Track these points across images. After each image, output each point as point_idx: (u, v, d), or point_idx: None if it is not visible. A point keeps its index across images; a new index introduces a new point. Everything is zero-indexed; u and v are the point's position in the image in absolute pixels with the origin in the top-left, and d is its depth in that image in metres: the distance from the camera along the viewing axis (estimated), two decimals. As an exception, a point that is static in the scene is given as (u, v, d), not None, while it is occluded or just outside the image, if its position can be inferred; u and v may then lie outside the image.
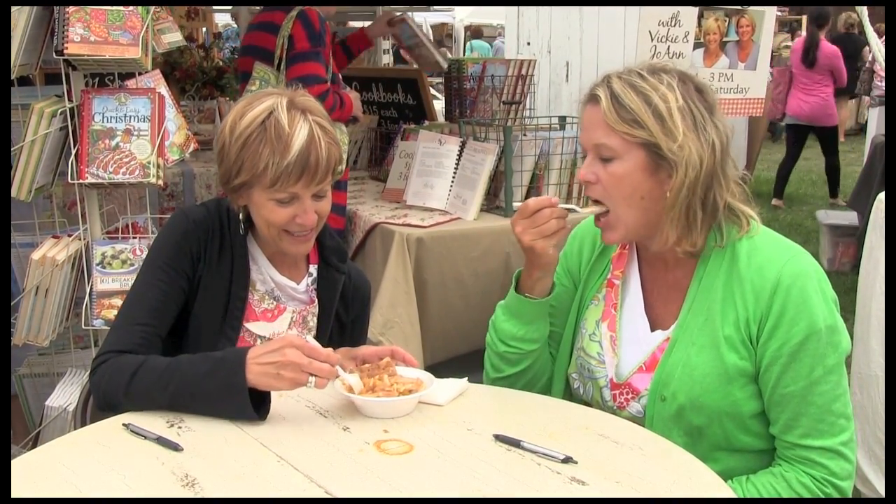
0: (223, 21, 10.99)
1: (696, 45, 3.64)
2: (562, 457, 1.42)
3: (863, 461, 2.91)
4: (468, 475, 1.39)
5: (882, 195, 2.90)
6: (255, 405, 1.57)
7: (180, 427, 1.56)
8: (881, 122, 7.38)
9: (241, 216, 1.86)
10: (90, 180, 2.52)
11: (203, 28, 7.09)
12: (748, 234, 1.68)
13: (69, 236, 2.68)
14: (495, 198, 3.39)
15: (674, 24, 3.53)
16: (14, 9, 2.39)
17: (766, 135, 10.49)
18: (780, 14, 13.62)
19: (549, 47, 4.33)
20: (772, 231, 1.73)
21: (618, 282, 1.83)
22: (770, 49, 3.87)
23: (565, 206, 1.74)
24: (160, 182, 2.60)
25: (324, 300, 1.94)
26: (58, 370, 2.88)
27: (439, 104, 4.95)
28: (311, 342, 1.62)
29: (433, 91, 5.81)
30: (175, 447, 1.47)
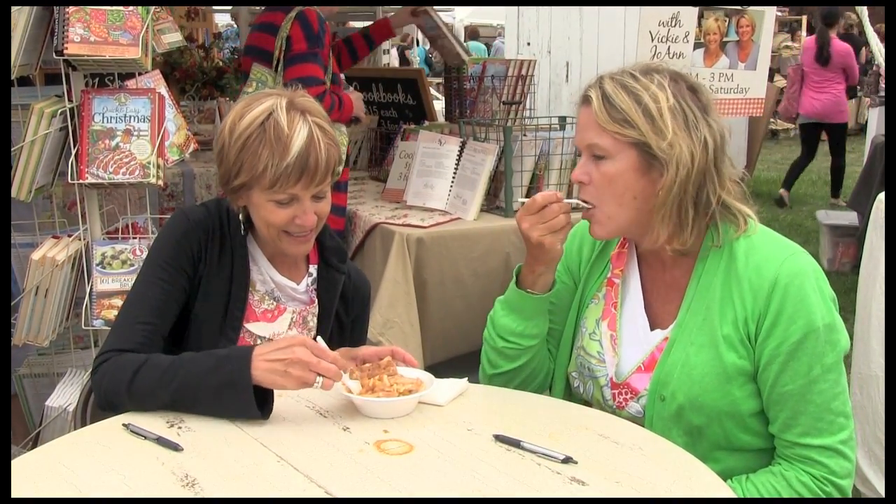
0: (224, 21, 10.99)
1: (697, 46, 3.64)
2: (562, 457, 1.42)
3: (863, 461, 2.91)
4: (468, 475, 1.39)
5: (882, 195, 2.90)
6: (258, 404, 1.57)
7: (180, 427, 1.56)
8: (881, 122, 7.38)
9: (241, 217, 1.86)
10: (90, 180, 2.52)
11: (203, 28, 7.08)
12: (746, 233, 1.68)
13: (69, 236, 2.68)
14: (495, 198, 3.39)
15: (674, 24, 3.53)
16: (14, 9, 2.39)
17: (766, 135, 10.48)
18: (780, 14, 13.63)
19: (549, 47, 4.33)
20: (770, 230, 1.73)
21: (618, 280, 1.83)
22: (770, 49, 3.87)
23: (570, 200, 1.74)
24: (160, 182, 2.60)
25: (324, 300, 1.94)
26: (58, 370, 2.88)
27: (439, 104, 4.95)
28: (321, 343, 1.62)
29: (433, 91, 5.82)
30: (175, 447, 1.47)
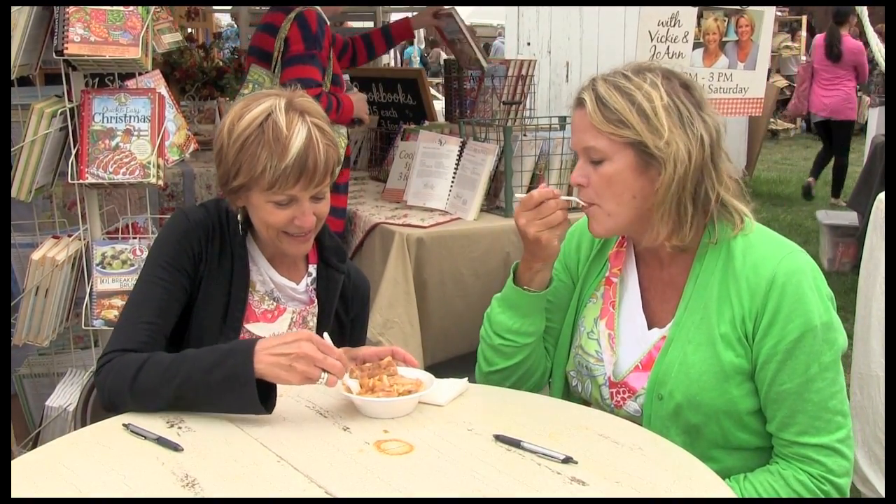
0: (226, 21, 10.99)
1: (696, 45, 3.64)
2: (562, 457, 1.42)
3: (863, 461, 2.91)
4: (468, 475, 1.39)
5: (882, 195, 2.90)
6: (261, 399, 1.56)
7: (180, 427, 1.56)
8: (881, 121, 7.38)
9: (240, 217, 1.85)
10: (90, 180, 2.52)
11: (203, 28, 7.09)
12: (743, 231, 1.68)
13: (69, 236, 2.68)
14: (495, 198, 3.39)
15: (673, 24, 3.53)
16: (14, 9, 2.39)
17: (766, 135, 10.48)
18: (780, 14, 13.62)
19: (549, 47, 4.33)
20: (767, 229, 1.74)
21: (616, 279, 1.83)
22: (769, 49, 3.87)
23: (566, 198, 1.75)
24: (160, 182, 2.60)
25: (323, 300, 1.94)
26: (58, 370, 2.87)
27: (439, 104, 4.95)
28: (327, 340, 1.62)
29: (433, 91, 5.81)
30: (175, 447, 1.47)
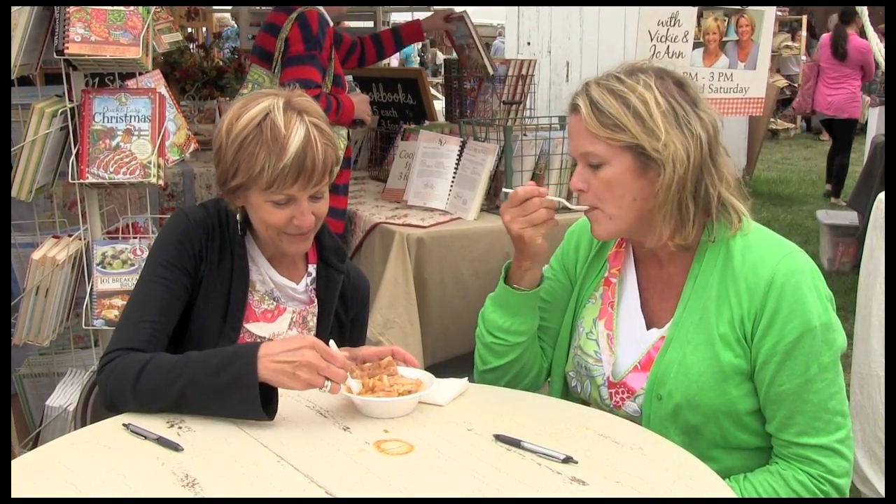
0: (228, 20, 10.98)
1: (696, 45, 3.64)
2: (562, 457, 1.42)
3: (863, 461, 2.91)
4: (468, 475, 1.39)
5: (882, 195, 2.90)
6: (263, 403, 1.56)
7: (180, 427, 1.56)
8: (881, 121, 7.38)
9: (239, 217, 1.85)
10: (90, 180, 2.52)
11: (203, 28, 7.08)
12: (742, 231, 1.68)
13: (69, 236, 2.68)
14: (495, 198, 3.39)
15: (673, 23, 3.53)
16: (14, 9, 2.39)
17: (766, 135, 10.48)
18: (780, 14, 13.61)
19: (550, 47, 4.33)
20: (766, 228, 1.74)
21: (614, 280, 1.83)
22: (770, 49, 3.87)
23: (554, 198, 1.74)
24: (160, 182, 2.60)
25: (323, 300, 1.94)
26: (58, 370, 2.87)
27: (439, 104, 4.94)
28: (333, 347, 1.62)
29: (433, 91, 5.81)
30: (175, 447, 1.47)
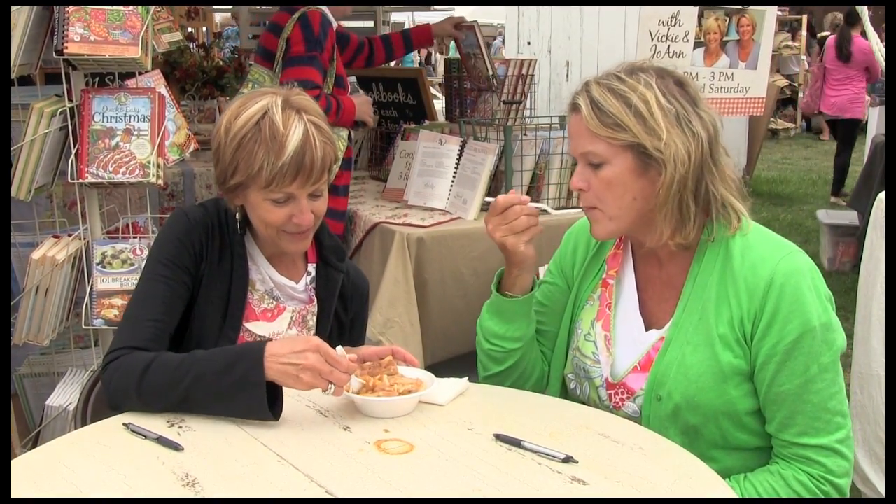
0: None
1: (697, 45, 3.63)
2: (562, 456, 1.42)
3: (863, 461, 2.91)
4: (468, 475, 1.39)
5: (882, 195, 2.90)
6: (269, 404, 1.56)
7: (181, 427, 1.56)
8: (881, 121, 7.38)
9: (238, 216, 1.85)
10: (90, 180, 2.52)
11: (203, 27, 7.09)
12: (741, 231, 1.68)
13: (69, 236, 2.68)
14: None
15: (674, 23, 3.52)
16: (14, 9, 2.39)
17: (766, 134, 10.48)
18: (780, 14, 13.61)
19: (550, 47, 4.34)
20: (765, 229, 1.73)
21: (612, 281, 1.82)
22: (771, 48, 3.87)
23: (536, 205, 1.74)
24: (160, 182, 2.60)
25: (323, 299, 1.94)
26: (58, 370, 2.88)
27: (439, 104, 4.95)
28: (340, 352, 1.62)
29: (433, 91, 5.81)
30: (175, 447, 1.47)
